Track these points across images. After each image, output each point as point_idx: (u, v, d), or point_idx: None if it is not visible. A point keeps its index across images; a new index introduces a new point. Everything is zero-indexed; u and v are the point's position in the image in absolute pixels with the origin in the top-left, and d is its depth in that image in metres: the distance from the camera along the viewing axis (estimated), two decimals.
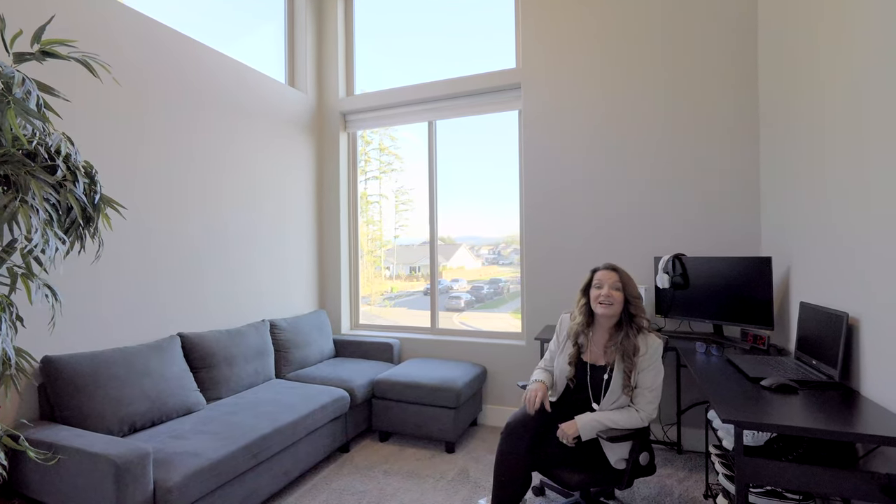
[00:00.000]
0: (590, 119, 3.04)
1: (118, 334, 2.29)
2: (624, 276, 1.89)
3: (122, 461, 1.57)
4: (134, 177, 2.38)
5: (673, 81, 2.85)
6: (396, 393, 2.89)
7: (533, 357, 3.15)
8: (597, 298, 1.87)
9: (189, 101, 2.69)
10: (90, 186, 1.82)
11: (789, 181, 2.28)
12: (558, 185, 3.12)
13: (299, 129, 3.60)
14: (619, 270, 1.90)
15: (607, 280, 1.87)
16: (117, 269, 2.29)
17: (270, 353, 2.95)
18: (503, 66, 3.37)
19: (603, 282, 1.88)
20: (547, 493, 2.33)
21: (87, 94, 2.19)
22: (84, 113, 2.18)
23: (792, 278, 2.25)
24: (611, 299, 1.84)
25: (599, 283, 1.89)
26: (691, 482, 2.43)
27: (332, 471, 2.59)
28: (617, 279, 1.87)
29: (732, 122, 2.73)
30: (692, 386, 2.81)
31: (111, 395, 1.99)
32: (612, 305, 1.85)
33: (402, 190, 3.76)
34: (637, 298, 1.87)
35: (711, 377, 1.83)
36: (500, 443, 1.87)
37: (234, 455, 1.94)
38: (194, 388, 2.36)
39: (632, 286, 1.88)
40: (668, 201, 2.87)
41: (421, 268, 3.74)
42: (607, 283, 1.86)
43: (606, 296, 1.85)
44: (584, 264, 3.04)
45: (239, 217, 3.01)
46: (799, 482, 1.36)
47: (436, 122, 3.61)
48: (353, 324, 3.91)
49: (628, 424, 1.77)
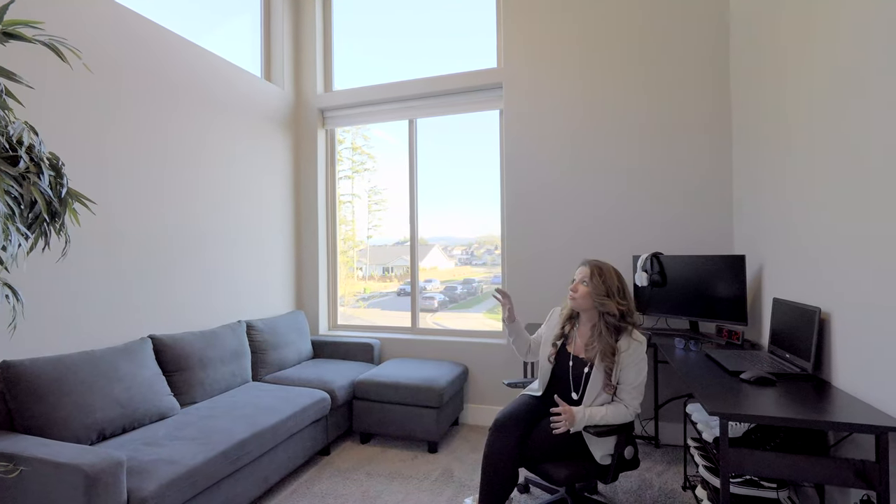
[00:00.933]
0: (570, 119, 3.08)
1: (85, 337, 2.16)
2: (594, 271, 1.87)
3: (92, 470, 1.48)
4: (104, 171, 2.26)
5: (650, 84, 2.92)
6: (378, 393, 2.85)
7: (515, 356, 3.16)
8: (570, 291, 1.94)
9: (162, 93, 2.57)
10: (56, 179, 1.71)
11: (760, 182, 2.37)
12: (539, 184, 3.14)
13: (276, 124, 3.51)
14: (593, 265, 1.90)
15: (579, 275, 1.93)
16: (85, 268, 2.16)
17: (247, 355, 2.85)
18: (485, 65, 3.37)
19: (576, 275, 1.95)
20: (532, 490, 2.34)
21: (54, 81, 2.06)
22: (51, 102, 2.05)
23: (765, 275, 2.34)
24: (574, 293, 1.91)
25: (574, 277, 1.96)
26: (670, 475, 2.49)
27: (312, 475, 2.53)
28: (586, 274, 1.89)
29: (707, 125, 2.82)
30: (669, 381, 2.89)
31: (78, 402, 1.87)
32: (574, 299, 1.91)
33: (375, 189, 3.72)
34: (603, 296, 1.84)
35: (693, 372, 1.88)
36: (488, 439, 1.86)
37: (213, 461, 1.86)
38: (167, 393, 2.26)
39: (597, 282, 1.85)
40: (646, 201, 2.94)
41: (394, 268, 3.72)
42: (578, 277, 1.93)
43: (573, 288, 1.93)
44: (565, 263, 3.08)
45: (214, 214, 2.91)
46: (781, 470, 1.41)
47: (416, 120, 3.58)
48: (332, 324, 3.84)
49: (617, 419, 1.79)
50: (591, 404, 1.84)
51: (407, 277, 3.65)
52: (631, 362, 1.81)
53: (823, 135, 1.80)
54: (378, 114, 3.62)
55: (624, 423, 1.80)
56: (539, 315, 3.12)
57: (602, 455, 1.80)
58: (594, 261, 1.93)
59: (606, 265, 1.92)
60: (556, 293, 3.08)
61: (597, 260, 1.94)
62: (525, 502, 2.24)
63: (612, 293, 1.86)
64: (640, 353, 1.83)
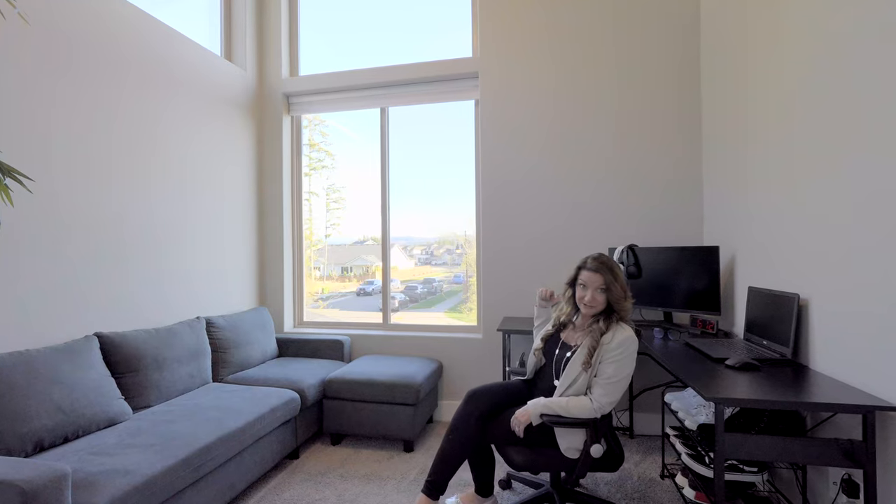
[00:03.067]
0: (545, 110, 3.06)
1: (18, 335, 1.90)
2: (608, 278, 1.78)
3: (30, 487, 1.28)
4: (42, 146, 2.00)
5: (623, 77, 2.95)
6: (351, 392, 2.71)
7: (491, 350, 3.11)
8: (581, 299, 1.83)
9: (110, 62, 2.32)
10: None
11: (730, 175, 2.43)
12: (515, 175, 3.11)
13: (237, 108, 3.28)
14: (605, 271, 1.78)
15: (592, 283, 1.79)
16: (20, 256, 1.90)
17: (207, 354, 2.63)
18: (460, 54, 3.30)
19: (588, 283, 1.80)
20: (514, 485, 2.29)
21: None
22: None
23: (737, 265, 2.40)
24: (594, 303, 1.79)
25: (584, 283, 1.82)
26: (647, 464, 2.51)
27: (281, 480, 2.36)
28: (602, 282, 1.78)
29: (678, 118, 2.87)
30: (644, 372, 2.92)
31: (9, 409, 1.63)
32: (592, 307, 1.80)
33: (334, 188, 3.59)
34: (621, 301, 1.78)
35: (677, 361, 1.88)
36: (458, 407, 1.89)
37: (173, 469, 1.68)
38: (118, 396, 2.03)
39: (616, 290, 1.78)
40: (621, 193, 2.96)
41: (353, 268, 3.62)
42: (592, 287, 1.79)
43: (591, 300, 1.79)
44: (541, 255, 3.05)
45: (168, 201, 2.66)
46: (774, 453, 1.41)
47: (388, 108, 3.46)
48: (298, 321, 3.64)
49: (578, 412, 1.69)
50: (563, 393, 1.77)
51: (366, 277, 3.61)
52: (613, 357, 1.71)
53: (789, 127, 1.86)
54: (348, 101, 3.46)
55: (586, 419, 1.69)
56: (516, 308, 3.08)
57: (567, 447, 1.74)
58: (601, 261, 1.80)
59: (613, 262, 1.81)
60: (532, 284, 3.05)
61: (602, 258, 1.82)
62: (508, 498, 2.18)
63: (626, 293, 1.79)
64: (626, 349, 1.72)
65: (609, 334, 1.75)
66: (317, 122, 3.66)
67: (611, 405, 1.71)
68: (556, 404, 1.73)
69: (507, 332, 2.67)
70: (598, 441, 1.71)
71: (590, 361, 1.73)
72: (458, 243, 3.44)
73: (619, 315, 1.79)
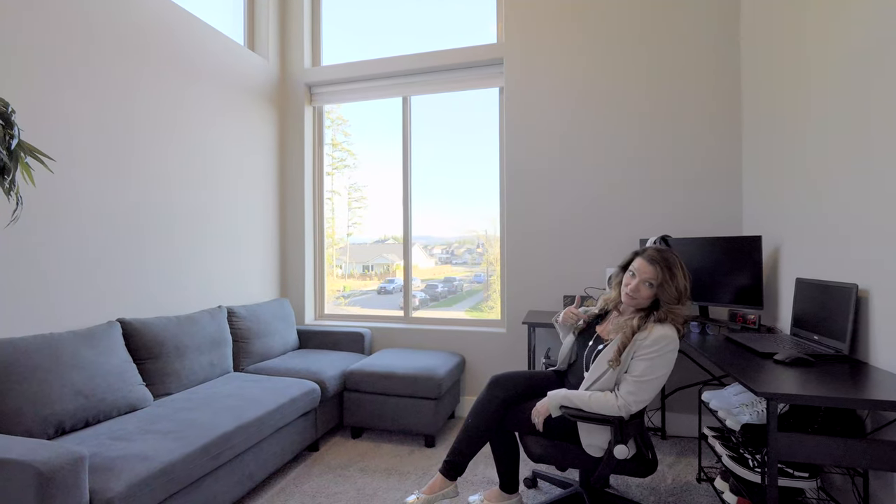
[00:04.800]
0: (573, 96, 2.94)
1: (41, 319, 1.90)
2: (662, 275, 1.61)
3: (47, 468, 1.25)
4: (63, 133, 2.00)
5: (656, 62, 2.80)
6: (371, 384, 2.65)
7: (516, 344, 3.01)
8: (626, 286, 1.70)
9: (132, 49, 2.31)
10: (5, 130, 1.46)
11: (775, 161, 2.27)
12: (539, 163, 2.99)
13: (260, 98, 3.26)
14: (661, 267, 1.61)
15: (641, 274, 1.65)
16: (41, 239, 1.90)
17: (228, 344, 2.61)
18: (484, 41, 3.20)
19: (637, 272, 1.67)
20: (539, 484, 2.19)
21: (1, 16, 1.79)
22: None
23: (782, 255, 2.24)
24: (637, 295, 1.66)
25: (634, 271, 1.69)
26: (681, 467, 2.37)
27: (301, 472, 2.32)
28: (653, 276, 1.62)
29: (715, 104, 2.71)
30: (676, 369, 2.77)
31: (32, 391, 1.63)
32: (634, 299, 1.68)
33: (356, 187, 3.56)
34: (673, 303, 1.61)
35: (719, 356, 1.75)
36: (481, 391, 1.85)
37: (192, 457, 1.64)
38: (139, 383, 2.01)
39: (669, 290, 1.61)
40: (651, 181, 2.82)
41: (374, 266, 3.60)
42: (640, 277, 1.65)
43: (633, 290, 1.67)
44: (567, 246, 2.94)
45: (189, 190, 2.66)
46: (834, 456, 1.28)
47: (411, 97, 3.39)
48: (319, 314, 3.61)
49: (600, 408, 1.57)
50: (588, 387, 1.66)
51: (387, 275, 3.57)
52: (645, 354, 1.57)
53: (844, 106, 1.69)
54: (370, 90, 3.41)
55: (610, 417, 1.56)
56: (541, 301, 2.97)
57: (589, 444, 1.63)
58: (662, 254, 1.63)
59: (676, 260, 1.63)
60: (558, 276, 2.94)
61: (665, 252, 1.64)
62: (534, 497, 2.08)
63: (682, 297, 1.61)
64: (662, 347, 1.56)
65: (645, 331, 1.60)
66: (339, 122, 3.63)
67: (638, 405, 1.57)
68: (577, 397, 1.63)
69: (533, 325, 2.57)
70: (624, 442, 1.57)
71: (618, 358, 1.60)
72: (479, 242, 3.37)
73: (668, 317, 1.61)
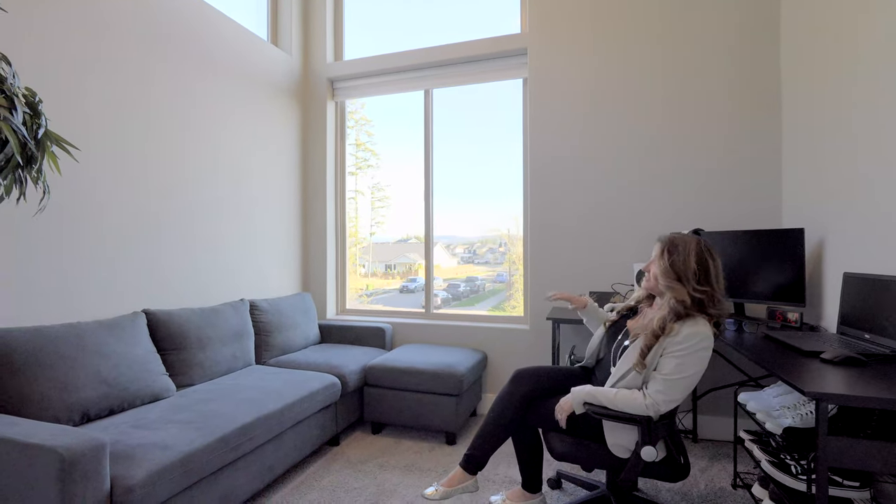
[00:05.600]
0: (600, 84, 2.83)
1: (67, 308, 1.94)
2: (665, 248, 1.57)
3: (69, 454, 1.26)
4: (85, 121, 2.02)
5: (688, 47, 2.67)
6: (392, 380, 2.62)
7: (539, 342, 2.93)
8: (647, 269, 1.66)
9: (155, 43, 2.33)
10: (32, 119, 1.48)
11: (820, 145, 2.12)
12: (564, 154, 2.90)
13: (282, 93, 3.27)
14: (666, 241, 1.59)
15: (652, 252, 1.64)
16: (68, 231, 1.93)
17: (250, 336, 2.62)
18: (507, 31, 3.13)
19: (653, 254, 1.65)
20: (564, 485, 2.11)
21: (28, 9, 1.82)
22: (22, 30, 1.80)
23: (827, 249, 2.10)
24: (647, 273, 1.64)
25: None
26: (715, 472, 2.25)
27: (321, 466, 2.30)
28: (657, 251, 1.60)
29: (749, 84, 2.57)
30: (709, 369, 2.64)
31: (58, 378, 1.65)
32: (648, 280, 1.64)
33: (378, 186, 3.55)
34: (673, 280, 1.53)
35: (759, 354, 1.64)
36: (503, 386, 1.81)
37: (211, 447, 1.64)
38: (162, 373, 2.03)
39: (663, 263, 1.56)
40: (684, 172, 2.69)
41: (396, 265, 3.59)
42: (652, 256, 1.64)
43: (646, 269, 1.65)
44: (593, 240, 2.84)
45: (209, 184, 2.68)
46: (890, 463, 1.17)
47: (433, 90, 3.35)
48: (340, 309, 3.61)
49: (626, 406, 1.49)
50: (614, 384, 1.58)
51: (409, 274, 3.55)
52: (676, 351, 1.47)
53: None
54: (392, 84, 3.38)
55: (637, 416, 1.48)
56: None
57: (614, 444, 1.55)
58: (671, 235, 1.60)
59: (685, 240, 1.56)
60: (584, 271, 2.84)
61: (677, 234, 1.60)
62: (558, 499, 2.01)
63: (685, 277, 1.52)
64: (693, 344, 1.46)
65: (677, 325, 1.50)
66: (363, 122, 3.63)
67: (668, 404, 1.47)
68: (602, 394, 1.55)
69: (557, 321, 2.49)
70: (653, 443, 1.48)
71: (643, 362, 1.51)
72: (502, 241, 3.32)
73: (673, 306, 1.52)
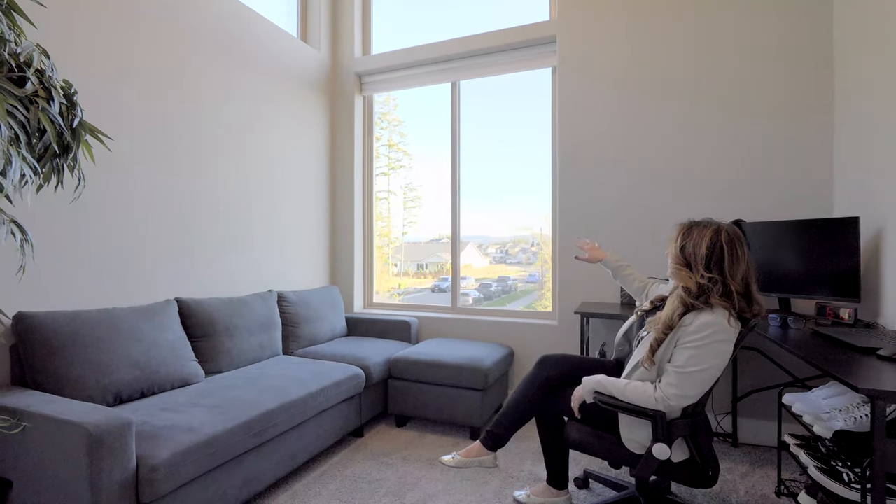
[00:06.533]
0: (632, 71, 2.71)
1: (102, 294, 2.01)
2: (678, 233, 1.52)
3: (96, 431, 1.30)
4: (117, 112, 2.07)
5: (728, 28, 2.52)
6: (416, 373, 2.60)
7: (568, 337, 2.84)
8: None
9: (188, 41, 2.40)
10: (69, 109, 1.54)
11: (880, 125, 1.95)
12: (595, 144, 2.80)
13: (312, 89, 3.32)
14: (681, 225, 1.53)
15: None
16: (101, 218, 2.00)
17: (278, 327, 2.66)
18: (535, 18, 3.06)
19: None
20: (592, 485, 2.02)
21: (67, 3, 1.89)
22: (62, 25, 1.87)
23: (885, 240, 1.92)
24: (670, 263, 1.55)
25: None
26: (756, 478, 2.11)
27: (344, 456, 2.31)
28: (673, 235, 1.54)
29: (797, 63, 2.39)
30: (750, 368, 2.49)
31: (93, 360, 1.72)
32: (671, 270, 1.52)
33: (411, 186, 3.56)
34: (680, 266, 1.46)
35: (807, 350, 1.51)
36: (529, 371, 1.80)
37: (233, 432, 1.66)
38: (192, 359, 2.08)
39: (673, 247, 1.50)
40: (723, 161, 2.54)
41: (428, 265, 3.60)
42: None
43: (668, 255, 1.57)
44: (625, 233, 2.72)
45: (238, 178, 2.73)
46: None
47: (460, 82, 3.31)
48: (367, 302, 3.63)
49: (636, 399, 1.42)
50: (627, 375, 1.52)
51: (441, 274, 3.51)
52: (689, 342, 1.38)
53: None
54: (419, 76, 3.37)
55: (648, 410, 1.40)
56: (595, 292, 2.79)
57: (628, 438, 1.48)
58: (692, 220, 1.53)
59: (702, 225, 1.47)
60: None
61: (700, 220, 1.52)
62: (585, 499, 1.93)
63: (693, 263, 1.44)
64: (707, 335, 1.36)
65: (689, 317, 1.41)
66: (396, 122, 3.64)
67: (679, 399, 1.37)
68: (612, 384, 1.48)
69: (586, 315, 2.40)
70: (667, 441, 1.39)
71: (651, 358, 1.44)
72: (534, 241, 3.25)
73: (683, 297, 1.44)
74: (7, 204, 1.55)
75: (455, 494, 1.96)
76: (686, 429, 1.42)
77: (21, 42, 1.45)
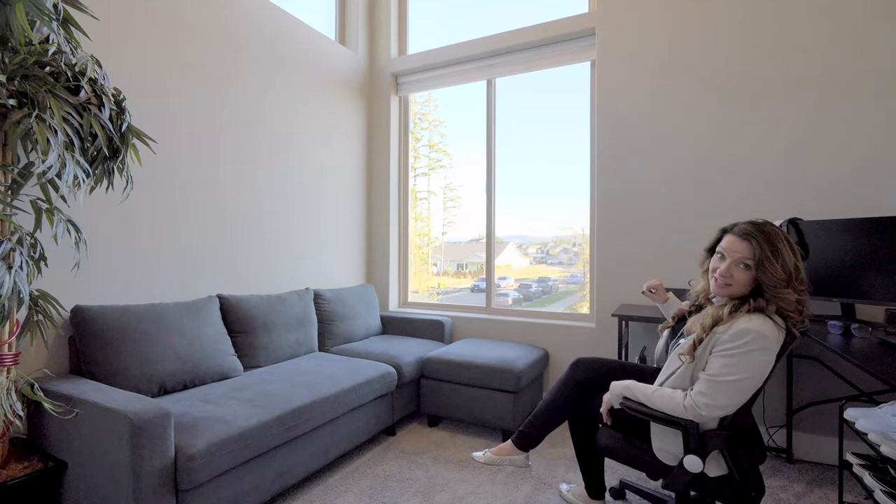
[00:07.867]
0: (675, 64, 2.57)
1: (149, 290, 2.12)
2: (761, 251, 1.26)
3: (137, 419, 1.37)
4: (162, 118, 2.17)
5: (781, 10, 2.34)
6: (448, 373, 2.58)
7: (606, 340, 2.74)
8: (714, 271, 1.37)
9: (228, 45, 2.49)
10: (118, 115, 1.64)
11: None
12: (636, 139, 2.68)
13: (349, 90, 3.38)
14: (758, 241, 1.27)
15: (733, 253, 1.31)
16: (148, 217, 2.11)
17: (314, 324, 2.73)
18: (573, 11, 2.96)
19: (727, 252, 1.33)
20: (628, 497, 1.94)
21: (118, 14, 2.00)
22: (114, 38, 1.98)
23: None
24: (729, 280, 1.32)
25: (723, 251, 1.35)
26: (814, 499, 1.94)
27: (376, 454, 2.32)
28: (748, 254, 1.28)
29: (865, 46, 2.18)
30: (808, 380, 2.30)
31: (139, 352, 1.81)
32: (728, 287, 1.33)
33: (451, 186, 3.55)
34: (779, 287, 1.25)
35: (874, 362, 1.38)
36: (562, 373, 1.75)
37: (266, 425, 1.70)
38: (231, 353, 2.17)
39: (773, 271, 1.24)
40: (776, 155, 2.36)
41: (468, 265, 3.59)
42: (731, 258, 1.32)
43: (724, 273, 1.33)
44: (667, 231, 2.59)
45: (280, 177, 2.82)
46: None
47: (496, 79, 3.27)
48: (402, 301, 3.65)
49: (664, 406, 1.33)
50: (661, 383, 1.44)
51: (480, 274, 3.48)
52: (723, 350, 1.27)
53: None
54: (455, 75, 3.35)
55: (678, 419, 1.30)
56: (636, 293, 2.67)
57: (659, 447, 1.39)
58: (758, 227, 1.30)
59: (778, 232, 1.29)
60: (657, 266, 2.61)
61: (761, 224, 1.31)
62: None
63: (792, 279, 1.25)
64: (743, 343, 1.23)
65: (727, 322, 1.28)
66: (436, 123, 3.65)
67: (710, 409, 1.26)
68: (639, 390, 1.40)
69: (624, 318, 2.30)
70: (701, 454, 1.29)
71: (692, 353, 1.33)
72: (576, 241, 3.16)
73: (772, 305, 1.28)
74: (63, 205, 1.66)
75: (485, 498, 1.92)
76: (723, 442, 1.31)
77: (77, 53, 1.55)
